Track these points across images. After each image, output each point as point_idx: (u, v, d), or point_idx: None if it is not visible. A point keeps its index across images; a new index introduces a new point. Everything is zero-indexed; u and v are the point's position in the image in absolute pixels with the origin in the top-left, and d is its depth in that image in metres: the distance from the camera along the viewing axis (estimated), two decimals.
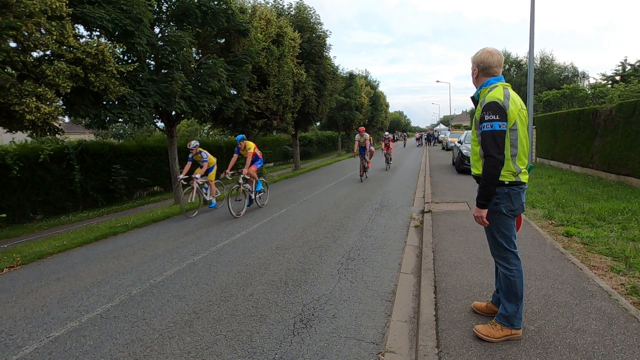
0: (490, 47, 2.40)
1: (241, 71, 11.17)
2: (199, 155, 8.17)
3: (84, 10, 6.99)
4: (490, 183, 2.19)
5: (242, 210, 7.51)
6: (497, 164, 2.15)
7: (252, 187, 7.94)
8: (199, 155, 8.18)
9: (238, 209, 7.45)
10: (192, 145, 8.06)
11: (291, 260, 4.53)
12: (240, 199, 7.60)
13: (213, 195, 8.56)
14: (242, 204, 7.64)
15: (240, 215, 7.31)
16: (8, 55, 5.92)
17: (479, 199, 2.28)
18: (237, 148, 7.86)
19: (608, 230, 4.58)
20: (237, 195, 7.65)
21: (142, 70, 8.35)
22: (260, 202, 8.37)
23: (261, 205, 8.31)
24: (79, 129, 28.86)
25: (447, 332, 2.57)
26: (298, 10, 17.36)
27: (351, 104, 28.84)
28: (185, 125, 31.86)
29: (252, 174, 7.75)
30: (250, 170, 7.70)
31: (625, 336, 2.35)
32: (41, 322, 3.30)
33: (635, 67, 22.51)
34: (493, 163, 2.15)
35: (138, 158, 14.54)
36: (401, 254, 4.57)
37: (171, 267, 4.55)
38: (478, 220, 2.34)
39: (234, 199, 7.51)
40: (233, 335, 2.85)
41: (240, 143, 7.72)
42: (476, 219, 2.35)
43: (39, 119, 6.45)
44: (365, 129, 12.44)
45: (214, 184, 8.57)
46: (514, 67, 33.32)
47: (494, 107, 2.16)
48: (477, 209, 2.31)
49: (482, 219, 2.31)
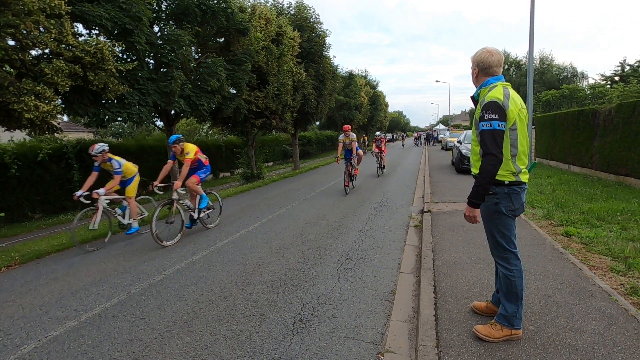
0: (490, 47, 2.39)
1: (241, 70, 11.17)
2: (107, 164, 5.86)
3: (83, 8, 6.98)
4: (487, 182, 2.16)
5: (176, 236, 5.66)
6: (497, 163, 2.14)
7: (195, 203, 6.15)
8: (108, 164, 5.86)
9: (168, 234, 5.59)
10: (95, 149, 5.69)
11: (290, 259, 4.52)
12: (172, 221, 5.63)
13: (134, 217, 6.22)
14: (177, 227, 5.76)
15: (172, 243, 5.46)
16: (7, 54, 5.91)
17: (473, 197, 2.23)
18: (172, 153, 5.94)
19: (607, 231, 4.58)
20: (169, 217, 5.65)
21: (141, 69, 8.34)
22: (208, 222, 6.50)
23: (209, 226, 6.41)
24: (78, 128, 28.83)
25: (447, 332, 2.56)
26: (298, 10, 17.36)
27: (351, 104, 28.85)
28: (185, 125, 31.84)
29: (192, 187, 6.00)
30: (189, 182, 5.96)
31: (625, 336, 2.35)
32: (39, 321, 3.28)
33: (634, 67, 22.55)
34: (492, 161, 2.13)
35: (137, 157, 14.41)
36: (401, 254, 4.56)
37: (170, 266, 4.53)
38: (470, 220, 2.30)
39: (163, 222, 5.66)
40: (232, 335, 2.84)
41: (174, 146, 5.81)
42: (467, 219, 2.31)
43: (37, 117, 6.43)
44: (350, 127, 10.03)
45: (134, 202, 6.27)
46: (513, 67, 33.38)
47: (494, 106, 2.16)
48: (469, 208, 2.26)
49: (475, 218, 2.28)
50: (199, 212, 6.17)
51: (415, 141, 43.15)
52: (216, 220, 6.69)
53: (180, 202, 5.91)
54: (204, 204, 6.23)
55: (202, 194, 6.23)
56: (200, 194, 6.18)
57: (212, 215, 6.66)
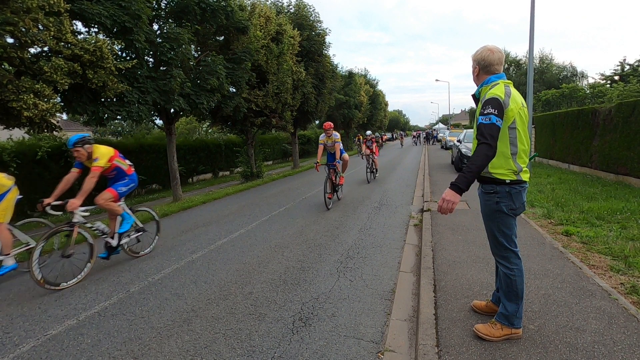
0: (491, 45, 2.38)
1: (240, 69, 11.13)
2: None
3: (82, 6, 6.95)
4: (477, 169, 2.09)
5: (80, 272, 4.13)
6: (490, 153, 2.09)
7: (114, 226, 4.59)
8: None
9: (64, 272, 4.11)
10: None
11: (290, 258, 4.51)
12: (70, 254, 4.11)
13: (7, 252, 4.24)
14: (80, 260, 4.24)
15: (74, 283, 4.02)
16: (5, 51, 5.88)
17: (460, 183, 2.10)
18: (77, 161, 4.35)
19: (607, 230, 4.58)
20: (66, 248, 4.16)
21: (140, 67, 8.31)
22: (138, 248, 5.01)
23: (140, 253, 4.96)
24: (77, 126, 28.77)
25: (447, 331, 2.56)
26: (297, 8, 17.31)
27: (350, 103, 28.80)
28: (184, 123, 31.81)
29: (104, 205, 4.39)
30: (100, 198, 4.35)
31: (625, 335, 2.35)
32: (38, 320, 3.27)
33: (634, 67, 22.55)
34: (486, 150, 2.08)
35: (136, 156, 14.46)
36: (400, 253, 4.56)
37: (169, 265, 4.53)
38: (446, 207, 2.13)
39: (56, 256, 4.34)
40: (232, 334, 2.83)
41: (76, 150, 4.22)
42: (445, 205, 2.14)
43: (36, 115, 6.41)
44: (332, 125, 8.12)
45: (6, 230, 4.29)
46: (513, 66, 33.36)
47: (494, 102, 2.15)
48: (452, 192, 2.13)
49: (452, 207, 2.12)
50: (120, 237, 4.60)
51: (413, 140, 43.22)
52: (151, 245, 5.17)
53: (87, 227, 4.33)
54: (126, 226, 4.68)
55: (123, 212, 4.68)
56: (120, 214, 4.63)
57: (145, 238, 5.10)
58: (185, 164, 17.01)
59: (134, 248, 4.99)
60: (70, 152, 4.34)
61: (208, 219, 7.21)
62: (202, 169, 19.02)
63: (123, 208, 4.71)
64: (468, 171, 2.10)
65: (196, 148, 18.51)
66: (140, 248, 5.05)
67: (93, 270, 4.44)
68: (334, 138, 7.95)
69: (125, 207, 4.77)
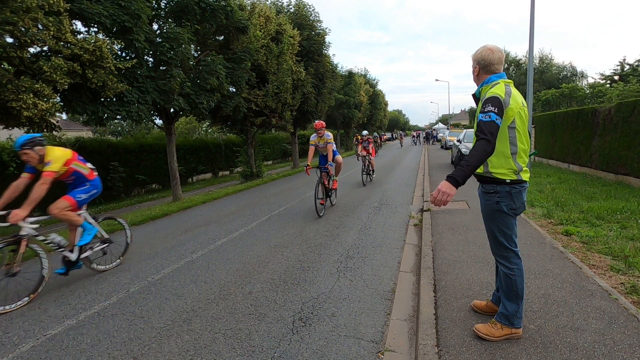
0: (491, 44, 2.38)
1: (240, 69, 11.13)
2: None
3: (81, 6, 6.95)
4: (475, 163, 2.07)
5: (26, 295, 3.60)
6: (489, 148, 2.08)
7: (74, 238, 4.08)
8: None
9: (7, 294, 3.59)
10: None
11: (290, 258, 4.51)
12: (15, 272, 3.59)
13: None
14: (28, 279, 3.78)
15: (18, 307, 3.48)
16: (5, 51, 5.88)
17: (457, 176, 2.06)
18: (27, 165, 3.83)
19: (607, 230, 4.58)
20: (10, 265, 3.59)
21: (140, 67, 8.30)
22: (103, 261, 4.48)
23: (106, 267, 4.44)
24: (77, 126, 28.75)
25: (447, 331, 2.55)
26: (297, 8, 17.31)
27: (350, 103, 28.81)
28: (184, 123, 31.81)
29: (60, 215, 3.86)
30: (55, 207, 3.85)
31: (625, 335, 2.34)
32: (38, 319, 3.27)
33: (633, 66, 22.58)
34: (485, 145, 2.07)
35: (136, 155, 14.48)
36: (400, 253, 4.56)
37: (169, 264, 4.52)
38: (440, 199, 2.08)
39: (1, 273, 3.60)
40: (232, 334, 2.83)
41: (25, 152, 3.71)
42: (440, 195, 2.08)
43: (36, 115, 6.40)
44: (324, 124, 7.54)
45: None
46: (513, 66, 33.38)
47: (494, 100, 2.14)
48: (448, 184, 2.07)
49: (448, 199, 2.07)
50: (80, 250, 4.06)
51: (413, 139, 43.25)
52: (118, 258, 4.65)
53: (39, 240, 3.80)
54: (87, 238, 4.13)
55: (84, 222, 4.15)
56: (81, 224, 4.10)
57: (111, 250, 4.58)
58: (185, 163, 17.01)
59: (98, 262, 4.41)
60: (19, 154, 3.79)
61: (208, 219, 7.21)
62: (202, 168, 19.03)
63: (84, 217, 4.18)
64: (466, 165, 2.08)
65: (196, 148, 18.51)
66: (104, 262, 4.49)
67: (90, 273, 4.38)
68: (326, 138, 7.32)
69: (88, 217, 4.25)
